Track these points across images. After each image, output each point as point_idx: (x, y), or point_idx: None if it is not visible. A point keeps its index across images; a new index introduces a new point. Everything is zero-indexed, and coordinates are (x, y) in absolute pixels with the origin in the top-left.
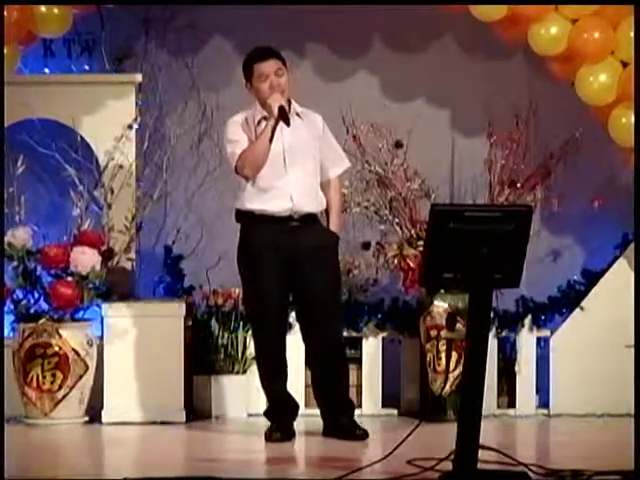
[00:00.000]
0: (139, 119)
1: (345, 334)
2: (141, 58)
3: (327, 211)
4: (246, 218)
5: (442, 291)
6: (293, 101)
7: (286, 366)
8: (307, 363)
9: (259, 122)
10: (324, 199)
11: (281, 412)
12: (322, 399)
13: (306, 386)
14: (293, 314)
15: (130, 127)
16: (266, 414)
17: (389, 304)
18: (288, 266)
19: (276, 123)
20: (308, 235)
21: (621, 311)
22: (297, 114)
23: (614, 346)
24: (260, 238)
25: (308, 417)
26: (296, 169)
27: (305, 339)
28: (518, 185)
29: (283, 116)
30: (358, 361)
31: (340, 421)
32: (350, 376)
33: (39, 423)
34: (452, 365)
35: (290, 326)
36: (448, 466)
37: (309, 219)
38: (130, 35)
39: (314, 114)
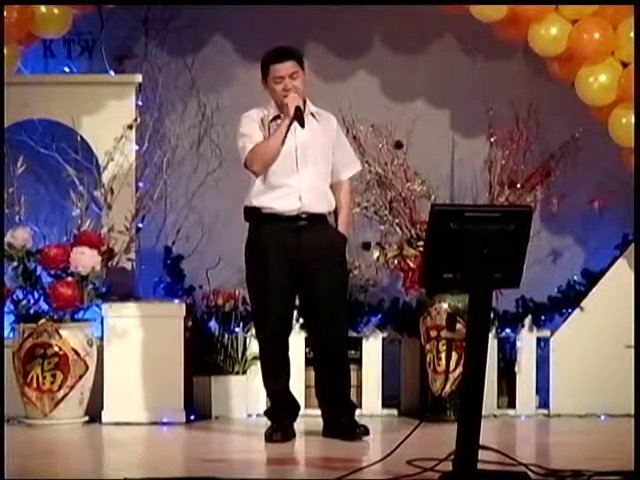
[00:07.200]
0: (139, 119)
1: None
2: (141, 58)
3: (336, 212)
4: (254, 216)
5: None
6: (308, 101)
7: (289, 366)
8: (312, 363)
9: (273, 119)
10: (333, 200)
11: (282, 412)
12: (324, 400)
13: (306, 386)
14: (294, 314)
15: (130, 127)
16: (267, 414)
17: (389, 304)
18: (295, 265)
19: (290, 123)
20: (315, 234)
21: (621, 311)
22: (312, 114)
23: (614, 346)
24: (268, 237)
25: (308, 417)
26: (307, 169)
27: (311, 338)
28: (518, 185)
29: (299, 117)
30: (358, 361)
31: (340, 420)
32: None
33: (39, 423)
34: (452, 365)
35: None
36: (448, 466)
37: (317, 219)
38: (130, 35)
39: (329, 115)
